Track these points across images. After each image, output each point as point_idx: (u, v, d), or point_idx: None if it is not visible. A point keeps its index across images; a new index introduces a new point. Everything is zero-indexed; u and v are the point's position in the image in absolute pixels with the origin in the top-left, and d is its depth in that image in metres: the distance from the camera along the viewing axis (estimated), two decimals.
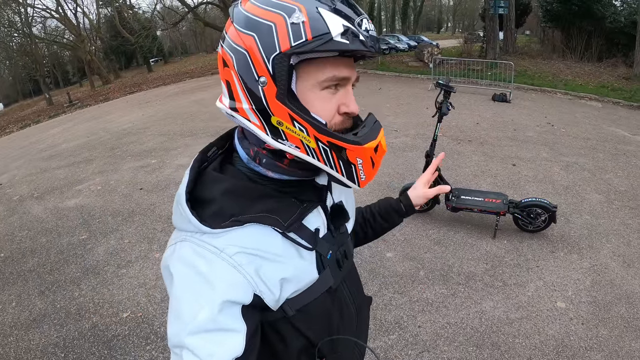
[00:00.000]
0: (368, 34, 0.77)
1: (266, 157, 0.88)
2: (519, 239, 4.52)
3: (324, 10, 0.73)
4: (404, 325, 3.40)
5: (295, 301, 0.91)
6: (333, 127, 0.84)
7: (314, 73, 0.79)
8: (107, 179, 7.50)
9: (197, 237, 0.81)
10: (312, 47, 0.72)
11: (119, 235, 5.21)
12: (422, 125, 9.15)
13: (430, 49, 20.56)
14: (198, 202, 0.85)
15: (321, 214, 0.99)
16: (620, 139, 8.28)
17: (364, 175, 0.88)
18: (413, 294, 3.79)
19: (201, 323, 0.75)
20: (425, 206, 5.02)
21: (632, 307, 3.52)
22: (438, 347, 3.18)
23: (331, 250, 0.99)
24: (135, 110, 15.29)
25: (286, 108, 0.77)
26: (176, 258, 0.82)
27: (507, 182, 6.11)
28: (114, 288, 4.15)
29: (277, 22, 0.73)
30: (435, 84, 4.50)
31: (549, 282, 3.84)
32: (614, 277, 3.91)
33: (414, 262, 4.25)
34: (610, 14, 17.84)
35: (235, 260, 0.80)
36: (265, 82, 0.76)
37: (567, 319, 3.39)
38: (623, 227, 4.76)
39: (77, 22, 37.87)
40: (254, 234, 0.83)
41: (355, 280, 1.22)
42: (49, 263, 4.77)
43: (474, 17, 67.10)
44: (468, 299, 3.69)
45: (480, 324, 3.38)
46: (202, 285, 0.77)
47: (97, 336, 3.53)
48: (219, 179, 0.87)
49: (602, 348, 3.11)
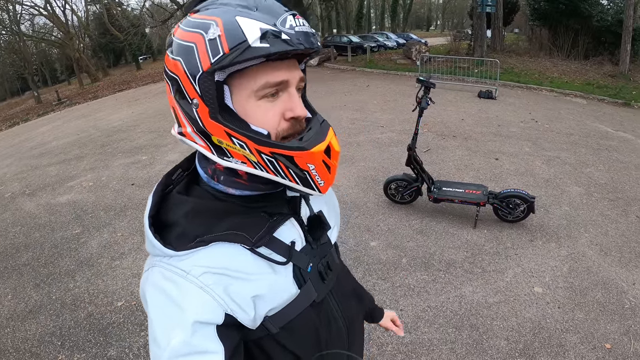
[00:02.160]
0: (294, 30, 0.73)
1: (223, 174, 0.86)
2: (498, 228, 4.66)
3: (241, 18, 0.71)
4: (387, 309, 3.49)
5: (277, 318, 0.89)
6: (280, 134, 0.81)
7: (246, 84, 0.76)
8: (99, 175, 7.54)
9: (165, 262, 0.80)
10: (231, 59, 0.69)
11: (112, 229, 5.27)
12: (407, 122, 9.28)
13: (418, 46, 20.62)
14: (164, 227, 0.85)
15: (295, 226, 0.95)
16: (603, 135, 8.43)
17: (322, 181, 0.83)
18: (395, 279, 3.92)
19: (175, 348, 0.73)
20: (408, 198, 5.17)
21: (608, 293, 3.65)
22: (419, 329, 3.31)
23: (312, 262, 0.97)
24: (124, 108, 15.29)
25: (221, 126, 0.75)
26: (149, 284, 0.81)
27: (490, 175, 6.25)
28: (108, 279, 4.22)
29: (196, 42, 0.72)
30: (417, 80, 4.64)
31: (527, 269, 3.98)
32: (591, 264, 4.05)
33: (396, 250, 4.38)
34: (597, 13, 18.02)
35: (202, 281, 0.77)
36: (197, 103, 0.75)
37: (544, 303, 3.53)
38: (601, 218, 4.91)
39: (66, 19, 37.52)
40: (220, 253, 0.81)
41: (346, 292, 1.17)
42: (43, 257, 4.82)
43: (462, 15, 67.30)
44: (448, 284, 3.82)
45: (459, 308, 3.51)
46: (172, 310, 0.76)
47: (92, 324, 3.61)
48: (182, 201, 0.85)
49: (577, 330, 3.24)
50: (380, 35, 34.42)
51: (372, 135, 8.60)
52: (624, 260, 4.11)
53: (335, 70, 20.39)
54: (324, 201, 1.12)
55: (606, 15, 18.09)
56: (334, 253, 1.10)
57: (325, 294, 1.01)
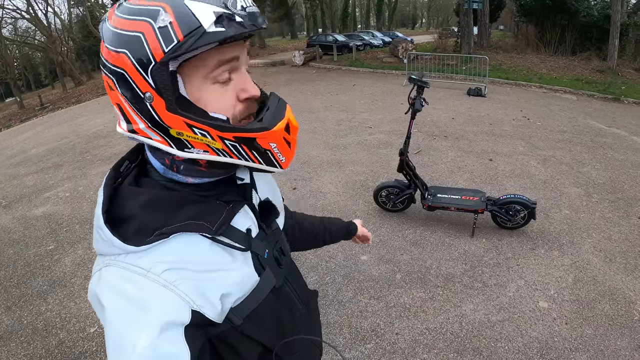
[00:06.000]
0: (245, 12, 0.71)
1: (183, 164, 0.83)
2: (498, 236, 4.45)
3: (190, 1, 0.66)
4: (381, 333, 3.29)
5: (240, 308, 0.87)
6: (238, 116, 0.80)
7: (197, 69, 0.72)
8: (76, 184, 7.28)
9: (121, 260, 0.75)
10: (188, 46, 0.65)
11: (87, 245, 5.02)
12: (396, 122, 9.10)
13: (404, 44, 20.51)
14: (117, 221, 0.78)
15: (249, 213, 0.94)
16: (597, 132, 8.36)
17: (283, 157, 0.84)
18: (389, 299, 3.68)
19: (142, 352, 0.68)
20: (400, 206, 4.93)
21: (616, 304, 3.48)
22: (417, 355, 3.07)
23: (267, 249, 0.97)
24: (106, 113, 14.95)
25: (181, 117, 0.72)
26: (104, 286, 0.74)
27: (485, 177, 6.06)
28: (81, 301, 3.98)
29: (144, 31, 0.66)
30: (408, 79, 4.39)
31: (530, 281, 3.78)
32: (597, 273, 3.87)
33: (389, 264, 4.14)
34: (584, 9, 18.31)
35: (165, 278, 0.74)
36: (152, 97, 0.70)
37: (550, 319, 3.33)
38: (603, 221, 4.75)
39: (48, 22, 37.10)
40: (181, 246, 0.78)
41: (297, 276, 1.21)
42: (16, 276, 4.57)
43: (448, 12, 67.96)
44: (447, 302, 3.59)
45: (460, 329, 3.28)
46: (135, 312, 0.71)
47: (64, 353, 3.38)
48: (137, 193, 0.81)
49: (587, 348, 3.05)
50: (366, 33, 34.64)
51: (359, 136, 8.39)
52: (630, 267, 3.94)
53: (321, 69, 20.25)
54: (269, 187, 1.12)
55: (592, 10, 18.44)
56: (284, 238, 1.12)
57: (282, 279, 1.02)
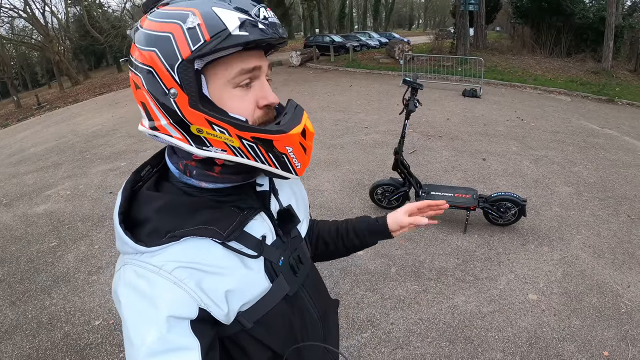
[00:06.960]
0: (267, 21, 0.78)
1: (196, 169, 0.87)
2: (489, 233, 4.57)
3: (217, 8, 0.74)
4: (377, 323, 3.40)
5: (251, 312, 0.90)
6: (256, 121, 0.84)
7: (221, 72, 0.78)
8: (77, 183, 7.33)
9: (137, 258, 0.80)
10: (213, 46, 0.71)
11: (89, 241, 5.09)
12: (392, 122, 9.20)
13: (401, 45, 20.58)
14: (134, 224, 0.85)
15: (266, 220, 0.96)
16: (590, 132, 8.47)
17: (299, 163, 0.87)
18: (385, 291, 3.79)
19: (151, 346, 0.73)
20: (395, 203, 5.03)
21: (603, 297, 3.59)
22: (411, 344, 3.18)
23: (283, 256, 0.98)
24: (104, 112, 14.97)
25: (202, 114, 0.76)
26: (122, 283, 0.80)
27: (478, 176, 6.18)
28: (85, 295, 4.05)
29: (174, 32, 0.73)
30: (403, 81, 4.50)
31: (520, 275, 3.89)
32: (585, 267, 3.98)
33: (385, 259, 4.25)
34: (579, 11, 18.36)
35: (175, 275, 0.78)
36: (176, 93, 0.75)
37: (539, 311, 3.44)
38: (593, 218, 4.86)
39: (45, 21, 36.84)
40: (192, 248, 0.82)
41: (316, 285, 1.20)
42: (19, 272, 4.62)
43: (445, 13, 67.90)
44: (440, 294, 3.71)
45: (452, 319, 3.40)
46: (146, 307, 0.76)
47: (69, 345, 3.44)
48: (153, 198, 0.86)
49: (574, 338, 3.16)
50: (363, 34, 34.69)
51: (356, 136, 8.50)
52: (618, 262, 4.06)
53: (318, 70, 20.29)
54: (293, 194, 1.13)
55: (588, 12, 18.49)
56: (305, 247, 1.12)
57: (297, 287, 1.03)
